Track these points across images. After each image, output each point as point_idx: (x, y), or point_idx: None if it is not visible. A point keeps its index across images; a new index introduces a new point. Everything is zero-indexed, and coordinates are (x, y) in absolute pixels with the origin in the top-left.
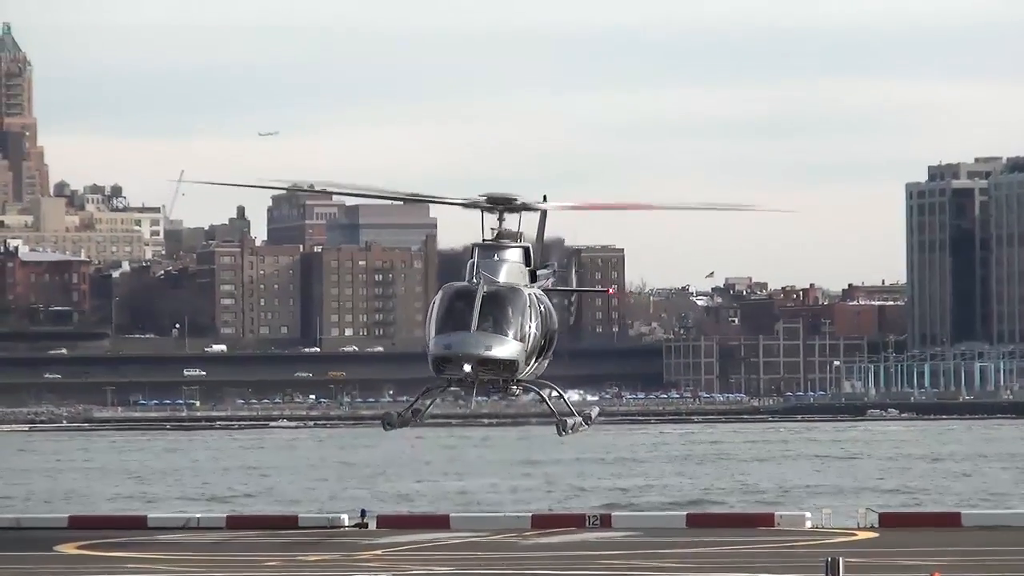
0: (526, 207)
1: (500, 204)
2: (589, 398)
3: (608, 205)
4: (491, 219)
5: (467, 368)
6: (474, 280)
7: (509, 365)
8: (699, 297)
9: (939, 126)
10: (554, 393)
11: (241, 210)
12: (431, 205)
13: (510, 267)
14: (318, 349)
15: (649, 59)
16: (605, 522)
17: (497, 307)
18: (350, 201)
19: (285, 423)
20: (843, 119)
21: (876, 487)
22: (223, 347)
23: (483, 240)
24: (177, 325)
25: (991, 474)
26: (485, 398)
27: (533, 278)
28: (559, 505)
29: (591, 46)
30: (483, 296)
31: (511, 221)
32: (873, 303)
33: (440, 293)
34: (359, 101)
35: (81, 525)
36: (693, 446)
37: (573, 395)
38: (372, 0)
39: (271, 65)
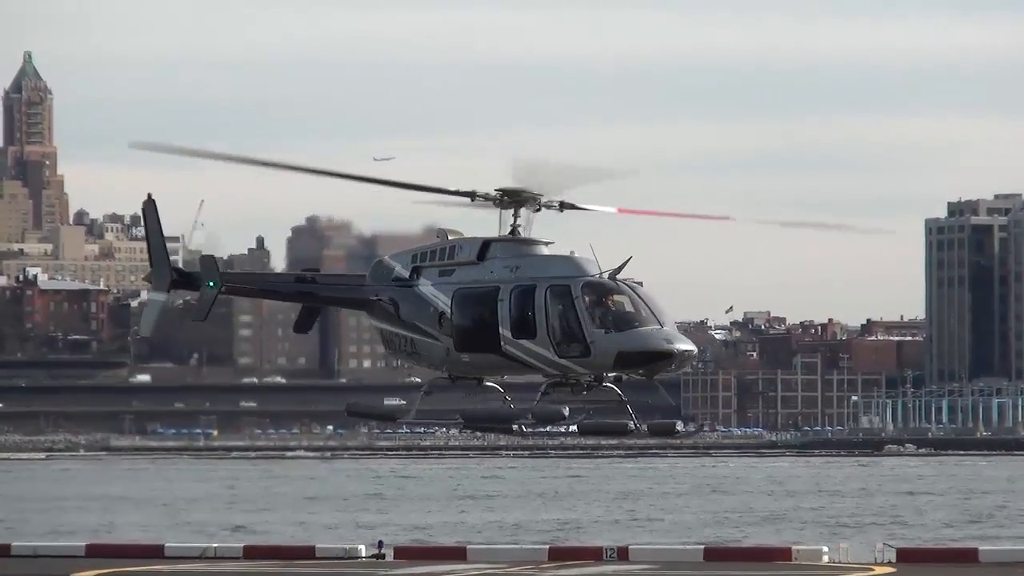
0: (549, 206)
1: (517, 200)
2: None
3: (643, 211)
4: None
5: (673, 365)
6: (601, 275)
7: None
8: (717, 331)
9: (959, 162)
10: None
11: (261, 240)
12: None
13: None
14: (336, 380)
15: (665, 93)
16: (622, 555)
17: (657, 303)
18: (368, 232)
19: (303, 453)
20: (864, 155)
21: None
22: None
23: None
24: (195, 355)
25: None
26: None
27: None
28: (575, 537)
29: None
30: (642, 292)
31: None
32: (891, 338)
33: (577, 288)
34: (370, 132)
35: (98, 554)
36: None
37: None
38: (386, 36)
39: (283, 97)
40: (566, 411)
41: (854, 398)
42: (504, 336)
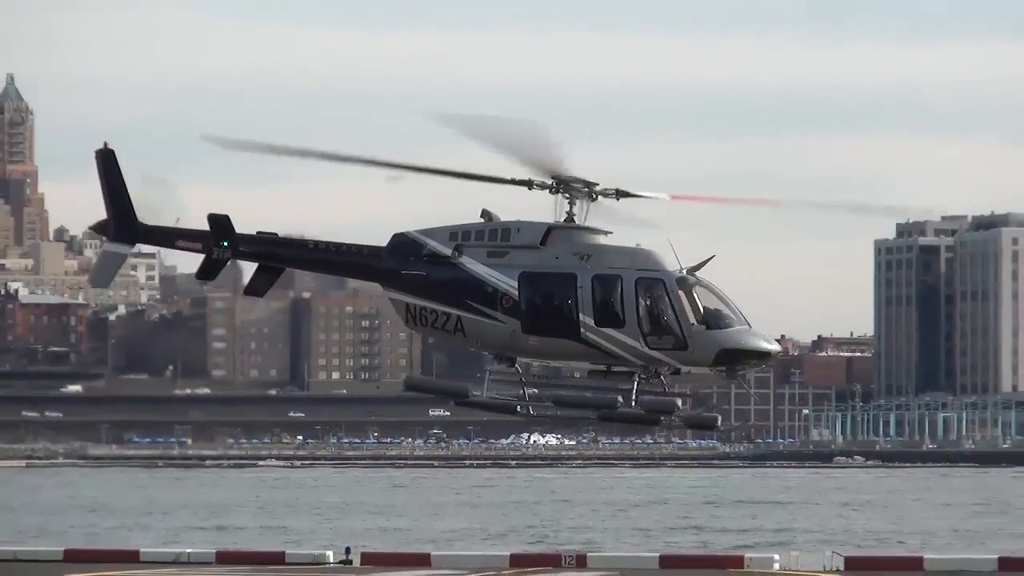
0: (606, 194)
1: (572, 188)
2: (567, 442)
3: (696, 197)
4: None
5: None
6: (682, 271)
7: None
8: None
9: (907, 185)
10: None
11: None
12: None
13: None
14: (306, 392)
15: (626, 117)
16: (580, 562)
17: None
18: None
19: (274, 462)
20: (815, 177)
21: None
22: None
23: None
24: (171, 366)
25: None
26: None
27: None
28: (537, 545)
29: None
30: (724, 292)
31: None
32: (841, 354)
33: (681, 283)
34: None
35: (76, 558)
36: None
37: (551, 438)
38: (377, 59)
39: (258, 116)
40: (679, 403)
41: (805, 411)
42: (584, 323)
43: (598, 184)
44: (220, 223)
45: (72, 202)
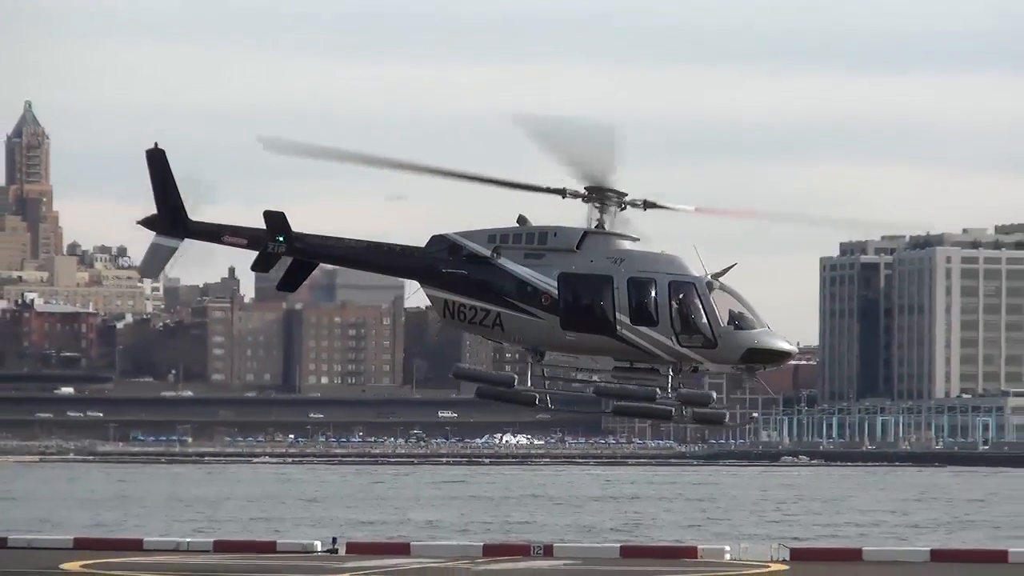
0: (634, 204)
1: (603, 197)
2: (536, 442)
3: (719, 211)
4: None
5: (784, 363)
6: (710, 279)
7: None
8: None
9: (850, 207)
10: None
11: (232, 270)
12: None
13: None
14: (298, 394)
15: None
16: (548, 552)
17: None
18: (328, 266)
19: (267, 459)
20: (767, 201)
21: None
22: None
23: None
24: (173, 371)
25: None
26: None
27: None
28: (509, 536)
29: None
30: (745, 297)
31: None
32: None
33: (710, 287)
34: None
35: (85, 546)
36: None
37: (522, 439)
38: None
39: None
40: (714, 395)
41: (755, 414)
42: (621, 321)
43: (628, 194)
44: (276, 219)
45: (84, 219)
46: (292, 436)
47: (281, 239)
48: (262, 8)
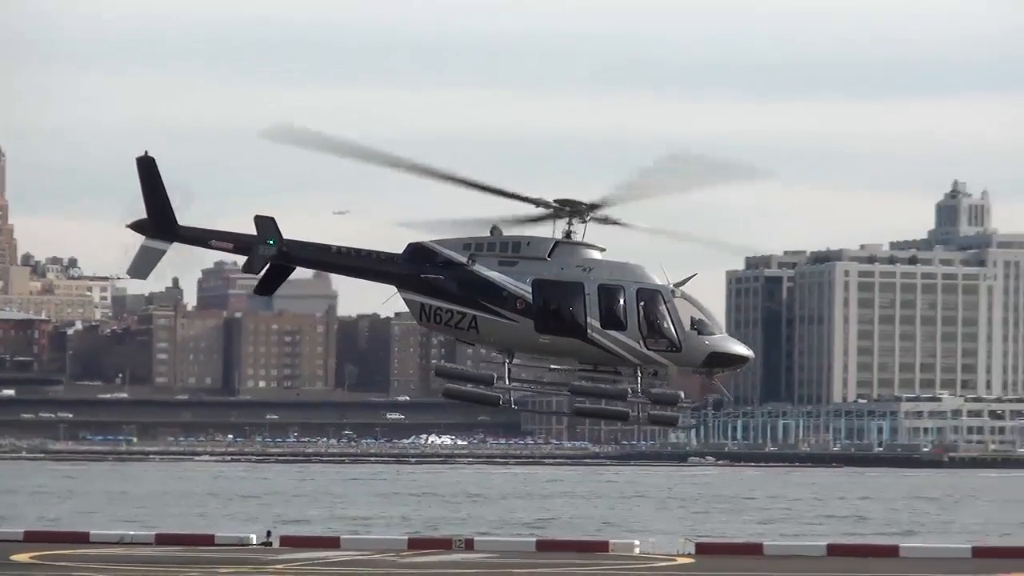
0: (596, 219)
1: (573, 211)
2: (460, 442)
3: (659, 230)
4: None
5: (742, 366)
6: (673, 288)
7: None
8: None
9: (755, 224)
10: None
11: (176, 280)
12: (332, 277)
13: None
14: (237, 397)
15: (517, 164)
16: (468, 545)
17: None
18: None
19: (207, 458)
20: (674, 216)
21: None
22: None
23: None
24: (120, 375)
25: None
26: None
27: None
28: (431, 530)
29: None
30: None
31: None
32: None
33: (673, 294)
34: (327, 189)
35: (34, 539)
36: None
37: (446, 439)
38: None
39: (190, 162)
40: (682, 394)
41: (693, 420)
42: (592, 325)
43: (599, 207)
44: (266, 224)
45: (37, 233)
46: (231, 436)
47: (272, 242)
48: (204, 34)
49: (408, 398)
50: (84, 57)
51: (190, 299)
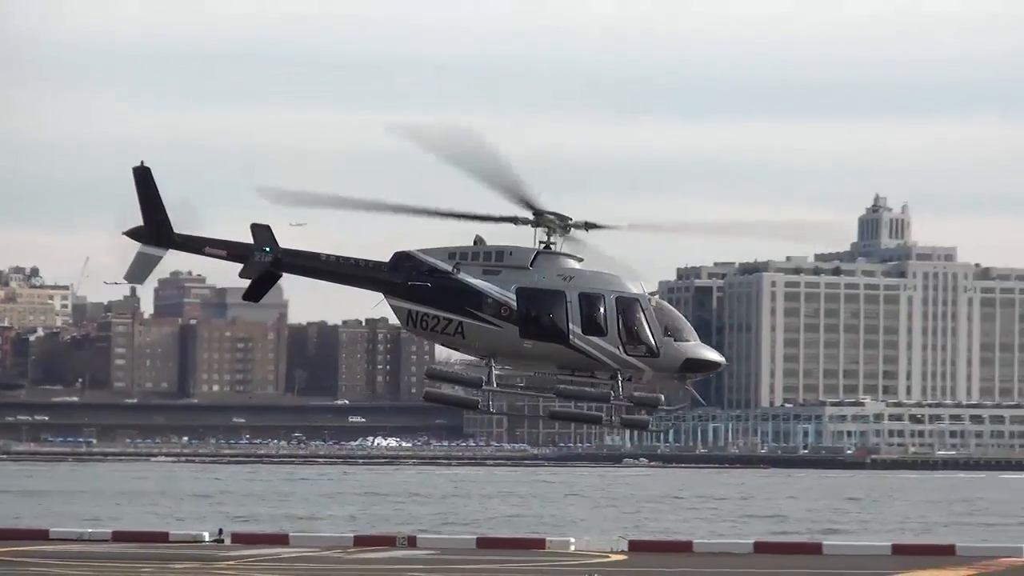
0: (577, 226)
1: (551, 222)
2: (404, 444)
3: (649, 226)
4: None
5: (715, 371)
6: (649, 297)
7: None
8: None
9: (686, 235)
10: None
11: (134, 289)
12: (283, 286)
13: None
14: (191, 401)
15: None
16: (411, 542)
17: None
18: (220, 284)
19: (163, 459)
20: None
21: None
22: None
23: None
24: (80, 379)
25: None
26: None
27: None
28: (376, 527)
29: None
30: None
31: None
32: None
33: (651, 302)
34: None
35: None
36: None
37: (391, 441)
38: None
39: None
40: (663, 397)
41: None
42: (574, 331)
43: (571, 219)
44: (263, 232)
45: (1, 243)
46: (186, 438)
47: (267, 250)
48: (174, 52)
49: (347, 402)
50: (53, 75)
51: (147, 307)
